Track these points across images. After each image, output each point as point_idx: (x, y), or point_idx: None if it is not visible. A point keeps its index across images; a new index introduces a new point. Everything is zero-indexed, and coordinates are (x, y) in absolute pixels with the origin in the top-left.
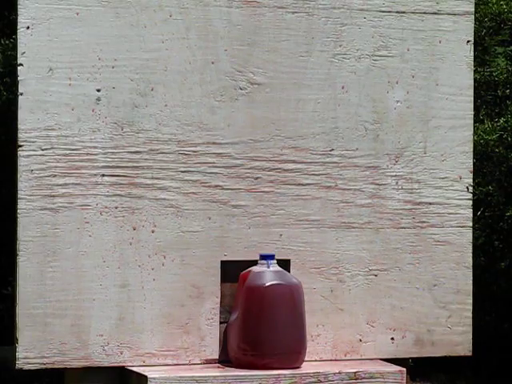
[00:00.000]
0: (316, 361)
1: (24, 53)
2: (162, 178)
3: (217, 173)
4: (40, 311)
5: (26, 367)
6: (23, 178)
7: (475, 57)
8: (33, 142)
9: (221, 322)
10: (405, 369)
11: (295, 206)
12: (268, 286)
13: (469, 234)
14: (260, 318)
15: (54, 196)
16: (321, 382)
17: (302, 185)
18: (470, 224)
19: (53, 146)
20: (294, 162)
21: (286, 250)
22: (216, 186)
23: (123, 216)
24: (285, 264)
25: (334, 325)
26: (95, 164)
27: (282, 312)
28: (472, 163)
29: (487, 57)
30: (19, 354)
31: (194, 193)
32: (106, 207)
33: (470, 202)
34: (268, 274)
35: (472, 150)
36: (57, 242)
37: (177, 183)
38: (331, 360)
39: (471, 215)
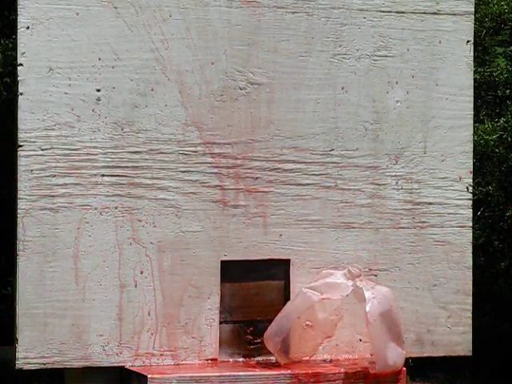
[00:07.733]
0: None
1: (24, 53)
2: (161, 178)
3: (217, 173)
4: (40, 311)
5: (26, 367)
6: (23, 177)
7: (475, 57)
8: (33, 142)
9: (221, 322)
10: (405, 369)
11: (295, 206)
12: None
13: (469, 234)
14: None
15: (53, 196)
16: (321, 381)
17: (302, 185)
18: (470, 224)
19: (53, 146)
20: (293, 162)
21: (286, 250)
22: (216, 186)
23: (123, 216)
24: (285, 264)
25: None
26: (95, 164)
27: None
28: (472, 163)
29: (487, 57)
30: (19, 354)
31: (193, 193)
32: (106, 207)
33: (470, 202)
34: None
35: (472, 150)
36: (57, 242)
37: (177, 183)
38: (331, 360)
39: (471, 215)
